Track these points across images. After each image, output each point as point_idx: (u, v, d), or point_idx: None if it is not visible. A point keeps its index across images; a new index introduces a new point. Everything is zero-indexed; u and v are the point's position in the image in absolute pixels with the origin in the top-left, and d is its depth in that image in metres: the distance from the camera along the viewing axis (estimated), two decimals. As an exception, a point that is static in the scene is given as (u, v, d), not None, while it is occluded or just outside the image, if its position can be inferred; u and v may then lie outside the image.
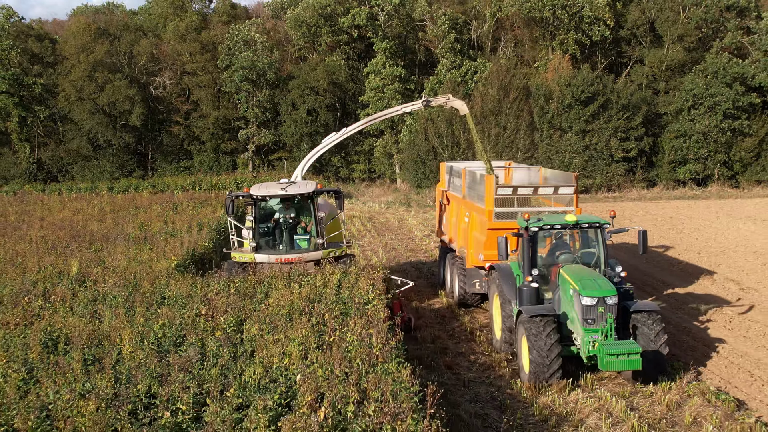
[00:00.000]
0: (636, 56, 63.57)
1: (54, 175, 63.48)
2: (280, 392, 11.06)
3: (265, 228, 22.73)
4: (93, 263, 22.80)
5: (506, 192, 21.38)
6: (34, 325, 15.53)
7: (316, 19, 63.98)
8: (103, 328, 15.21)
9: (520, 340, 16.87)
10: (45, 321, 15.68)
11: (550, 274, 18.03)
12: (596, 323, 16.12)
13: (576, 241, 18.72)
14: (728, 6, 59.45)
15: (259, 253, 21.88)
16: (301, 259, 21.82)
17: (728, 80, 56.80)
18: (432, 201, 53.12)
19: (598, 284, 16.29)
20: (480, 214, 21.79)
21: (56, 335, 14.69)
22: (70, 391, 11.09)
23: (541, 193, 22.11)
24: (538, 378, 16.00)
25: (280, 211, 23.14)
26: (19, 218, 37.47)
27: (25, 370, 12.62)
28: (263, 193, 22.38)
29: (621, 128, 55.94)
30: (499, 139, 53.64)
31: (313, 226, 22.68)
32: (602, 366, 15.58)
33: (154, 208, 39.16)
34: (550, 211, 20.83)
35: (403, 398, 10.61)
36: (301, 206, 23.08)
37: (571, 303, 16.65)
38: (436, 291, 26.03)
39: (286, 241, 22.49)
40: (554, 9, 59.65)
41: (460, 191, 24.49)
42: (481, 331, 21.04)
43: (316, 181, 25.48)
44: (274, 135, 64.52)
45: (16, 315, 16.65)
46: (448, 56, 61.65)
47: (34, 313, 16.82)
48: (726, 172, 58.54)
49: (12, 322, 16.01)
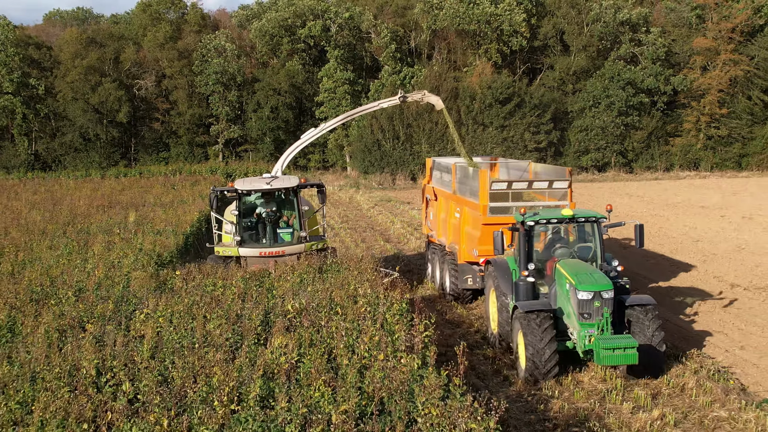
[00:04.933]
0: (548, 63, 74.30)
1: (49, 165, 72.61)
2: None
3: (248, 222, 22.89)
4: (141, 216, 33.16)
5: (501, 187, 21.15)
6: (136, 239, 25.94)
7: (278, 30, 73.34)
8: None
9: (516, 335, 16.66)
10: (140, 238, 26.08)
11: (545, 269, 17.74)
12: (592, 317, 15.91)
13: (570, 235, 18.50)
14: (623, 22, 70.24)
15: (242, 247, 22.04)
16: (285, 252, 21.93)
17: (622, 84, 67.94)
18: (377, 184, 64.11)
19: (594, 278, 16.13)
20: (474, 210, 21.51)
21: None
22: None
23: (536, 188, 21.76)
24: (535, 374, 15.79)
25: (261, 205, 23.17)
26: (46, 197, 47.00)
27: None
28: (248, 188, 22.62)
29: (533, 123, 66.72)
30: (432, 132, 64.65)
31: (296, 219, 22.90)
32: (598, 360, 15.38)
33: (156, 187, 49.27)
34: (544, 206, 20.52)
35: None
36: (283, 200, 23.25)
37: (567, 297, 16.48)
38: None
39: (270, 235, 22.68)
40: (480, 23, 70.28)
41: (450, 187, 24.12)
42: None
43: (297, 175, 27.36)
44: (242, 130, 74.36)
45: (120, 233, 26.96)
46: (390, 63, 72.26)
47: (126, 238, 27.17)
48: (621, 159, 70.02)
49: (119, 241, 26.25)
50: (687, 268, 28.24)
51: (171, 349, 13.13)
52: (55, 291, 18.13)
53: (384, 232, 38.81)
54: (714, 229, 37.39)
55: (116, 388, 11.52)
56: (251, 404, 10.53)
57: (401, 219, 42.65)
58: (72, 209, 36.96)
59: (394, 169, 66.51)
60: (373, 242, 35.66)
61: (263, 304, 16.02)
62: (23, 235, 28.05)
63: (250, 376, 11.56)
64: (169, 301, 16.19)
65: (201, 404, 10.66)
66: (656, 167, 69.83)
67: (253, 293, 17.01)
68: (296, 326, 14.52)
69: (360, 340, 13.18)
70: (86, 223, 31.54)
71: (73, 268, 20.70)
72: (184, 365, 12.14)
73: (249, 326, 14.28)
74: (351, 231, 38.76)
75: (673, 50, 71.63)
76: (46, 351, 13.24)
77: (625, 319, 16.55)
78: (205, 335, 13.84)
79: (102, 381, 11.91)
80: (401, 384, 10.90)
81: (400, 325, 13.79)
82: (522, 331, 16.14)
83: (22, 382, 11.84)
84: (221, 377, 11.45)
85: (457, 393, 10.36)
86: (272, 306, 16.03)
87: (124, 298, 17.00)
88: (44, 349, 13.32)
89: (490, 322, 19.45)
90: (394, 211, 46.93)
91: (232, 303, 16.12)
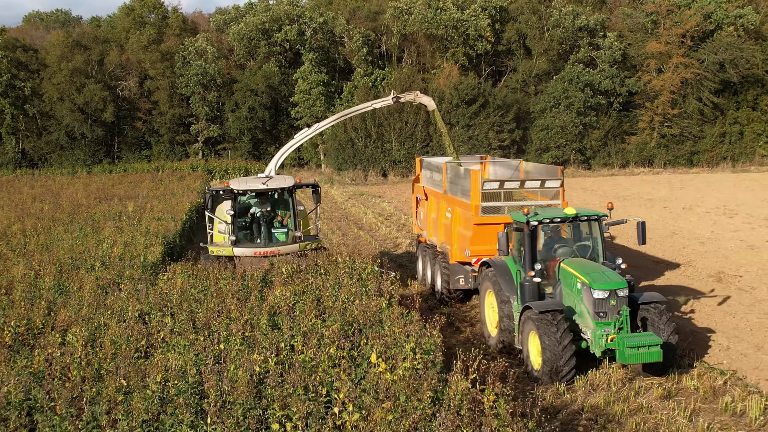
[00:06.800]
0: (511, 66, 77.96)
1: (35, 162, 75.43)
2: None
3: (243, 222, 22.95)
4: (139, 207, 36.78)
5: (493, 186, 21.02)
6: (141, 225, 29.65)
7: (256, 34, 76.49)
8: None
9: (527, 337, 16.39)
10: (144, 223, 29.77)
11: (547, 269, 17.58)
12: (608, 316, 15.89)
13: (564, 234, 18.46)
14: (581, 27, 73.94)
15: (237, 246, 22.09)
16: (279, 252, 22.01)
17: (581, 86, 71.47)
18: (350, 180, 67.95)
19: (607, 277, 16.15)
20: (465, 210, 21.42)
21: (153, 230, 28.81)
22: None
23: (528, 187, 21.62)
24: (553, 374, 15.58)
25: (255, 204, 23.25)
26: (44, 191, 50.29)
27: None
28: (244, 188, 22.60)
29: (497, 123, 70.22)
30: (402, 131, 68.67)
31: (290, 219, 23.00)
32: (622, 359, 15.35)
33: (145, 182, 52.75)
34: (536, 205, 20.35)
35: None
36: (276, 200, 23.31)
37: (579, 297, 16.35)
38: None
39: (264, 235, 22.75)
40: (447, 28, 73.57)
41: (441, 186, 23.87)
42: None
43: (292, 175, 27.62)
44: (220, 129, 77.36)
45: (124, 221, 30.65)
46: (362, 66, 75.99)
47: (132, 223, 30.81)
48: (580, 157, 74.08)
49: (127, 226, 29.89)
50: (625, 250, 32.25)
51: (194, 298, 16.97)
52: (84, 262, 21.86)
53: (357, 222, 42.69)
54: (655, 218, 41.58)
55: (158, 324, 15.34)
56: (263, 328, 14.41)
57: (373, 210, 46.55)
58: (73, 201, 40.34)
59: (366, 166, 70.23)
60: (348, 230, 39.44)
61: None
62: (37, 222, 31.61)
63: (259, 312, 15.44)
64: (183, 267, 20.04)
65: (224, 331, 14.48)
66: (613, 164, 74.06)
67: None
68: (290, 283, 18.44)
69: (341, 290, 17.10)
70: (90, 213, 35.05)
71: (95, 245, 24.43)
72: (207, 308, 15.99)
73: (253, 283, 18.19)
74: (328, 221, 42.58)
75: (629, 54, 75.61)
76: (95, 302, 17.04)
77: (639, 317, 16.55)
78: (217, 290, 17.72)
79: (147, 319, 15.76)
80: (373, 315, 14.84)
81: (371, 280, 17.74)
82: (537, 333, 15.84)
83: (84, 322, 15.60)
84: (237, 313, 15.33)
85: (413, 318, 14.32)
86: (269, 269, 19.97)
87: (146, 266, 20.83)
88: (93, 300, 17.11)
89: (486, 326, 19.17)
90: (366, 204, 50.79)
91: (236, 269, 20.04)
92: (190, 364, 12.23)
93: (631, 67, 76.02)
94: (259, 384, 11.57)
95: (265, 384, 11.48)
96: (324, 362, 12.14)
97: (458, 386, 10.54)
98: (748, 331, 20.43)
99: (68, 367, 12.56)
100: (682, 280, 26.64)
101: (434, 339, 12.93)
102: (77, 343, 13.75)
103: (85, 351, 13.30)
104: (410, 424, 9.70)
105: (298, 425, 9.59)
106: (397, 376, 11.21)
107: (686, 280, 26.51)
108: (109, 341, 13.76)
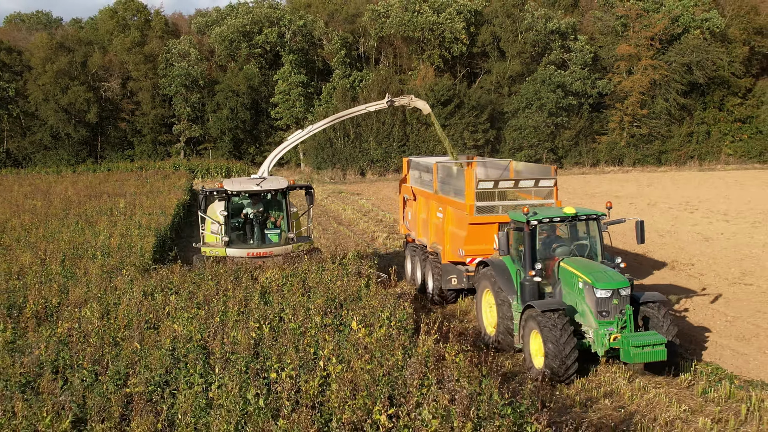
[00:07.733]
0: (486, 67, 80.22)
1: (20, 162, 76.66)
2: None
3: (236, 223, 23.00)
4: (128, 203, 38.52)
5: (487, 186, 20.98)
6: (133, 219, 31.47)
7: (237, 36, 78.28)
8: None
9: (529, 336, 16.36)
10: (137, 218, 31.59)
11: (546, 268, 17.55)
12: (611, 315, 15.92)
13: (559, 233, 18.44)
14: (553, 30, 76.37)
15: (230, 247, 22.17)
16: (272, 253, 22.18)
17: (553, 87, 73.90)
18: (329, 179, 69.90)
19: (609, 276, 16.20)
20: (459, 209, 21.29)
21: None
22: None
23: (522, 186, 21.54)
24: (556, 373, 15.53)
25: (248, 205, 23.36)
26: (33, 189, 51.67)
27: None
28: (238, 189, 22.69)
29: (472, 123, 72.50)
30: (379, 131, 70.68)
31: (283, 220, 23.07)
32: (627, 358, 15.38)
33: (131, 180, 54.41)
34: (531, 205, 20.04)
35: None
36: (270, 201, 23.37)
37: (580, 296, 16.35)
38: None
39: (257, 236, 22.84)
40: (423, 30, 75.56)
41: (431, 186, 23.70)
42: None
43: (285, 177, 27.21)
44: (202, 129, 79.02)
45: (116, 215, 32.46)
46: (340, 67, 77.90)
47: (126, 216, 32.56)
48: (552, 156, 76.24)
49: (120, 220, 31.68)
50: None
51: (193, 280, 18.91)
52: (85, 251, 23.70)
53: (337, 217, 44.67)
54: (620, 213, 43.30)
55: (163, 301, 17.25)
56: (256, 302, 16.39)
57: (351, 207, 48.55)
58: (64, 198, 41.99)
59: (344, 165, 72.19)
60: (328, 225, 41.40)
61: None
62: (33, 217, 33.33)
63: (252, 291, 17.42)
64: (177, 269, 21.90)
65: (222, 306, 16.42)
66: (584, 163, 76.53)
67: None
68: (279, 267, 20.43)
69: (324, 273, 19.12)
70: (82, 209, 36.77)
71: (93, 237, 26.27)
72: (205, 288, 17.94)
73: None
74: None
75: (600, 56, 78.18)
76: (102, 284, 18.93)
77: (640, 316, 16.47)
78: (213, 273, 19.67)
79: (151, 298, 17.68)
80: (353, 293, 16.87)
81: (352, 264, 19.78)
82: (540, 332, 15.79)
83: (96, 300, 17.48)
84: (231, 293, 17.29)
85: (389, 293, 16.36)
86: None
87: (144, 254, 22.73)
88: (100, 282, 19.00)
89: (484, 325, 19.07)
90: (345, 201, 52.78)
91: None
92: (195, 331, 14.18)
93: (602, 68, 78.59)
94: (256, 346, 13.56)
95: (261, 346, 13.47)
96: (311, 329, 14.13)
97: (425, 343, 12.57)
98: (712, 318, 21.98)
99: (88, 335, 14.46)
100: (636, 270, 28.80)
101: (406, 309, 14.96)
102: (93, 316, 15.65)
103: (101, 323, 15.20)
104: (385, 372, 11.69)
105: (292, 374, 11.52)
106: (374, 338, 13.23)
107: (640, 270, 28.66)
108: (122, 314, 15.66)
